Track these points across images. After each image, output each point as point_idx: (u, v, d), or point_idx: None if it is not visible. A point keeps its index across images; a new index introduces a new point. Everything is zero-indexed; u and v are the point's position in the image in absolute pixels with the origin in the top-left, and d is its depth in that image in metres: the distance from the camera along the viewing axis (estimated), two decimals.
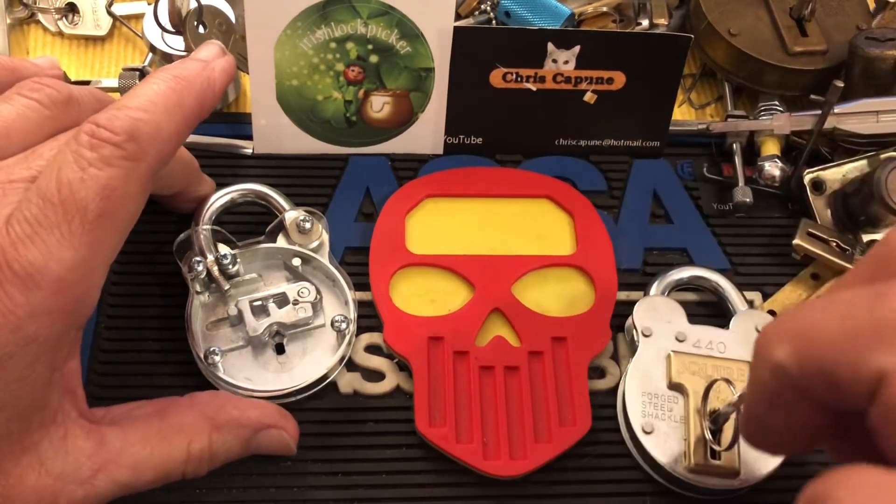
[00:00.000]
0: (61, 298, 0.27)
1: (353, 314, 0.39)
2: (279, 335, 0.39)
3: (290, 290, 0.39)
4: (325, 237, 0.41)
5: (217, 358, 0.37)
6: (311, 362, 0.39)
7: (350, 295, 0.40)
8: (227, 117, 0.47)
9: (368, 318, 0.40)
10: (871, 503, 0.18)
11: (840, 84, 0.44)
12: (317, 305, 0.39)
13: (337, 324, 0.38)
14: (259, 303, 0.38)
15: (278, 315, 0.38)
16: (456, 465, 0.37)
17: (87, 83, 0.48)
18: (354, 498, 0.37)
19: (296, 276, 0.40)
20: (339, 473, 0.37)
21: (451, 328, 0.40)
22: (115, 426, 0.31)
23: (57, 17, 0.51)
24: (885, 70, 0.46)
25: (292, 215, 0.40)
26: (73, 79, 0.49)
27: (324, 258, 0.40)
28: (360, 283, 0.41)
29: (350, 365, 0.40)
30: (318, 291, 0.39)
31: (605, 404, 0.39)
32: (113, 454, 0.30)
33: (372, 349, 0.40)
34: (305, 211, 0.41)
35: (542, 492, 0.37)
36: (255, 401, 0.36)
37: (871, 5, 0.52)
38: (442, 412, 0.38)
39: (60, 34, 0.51)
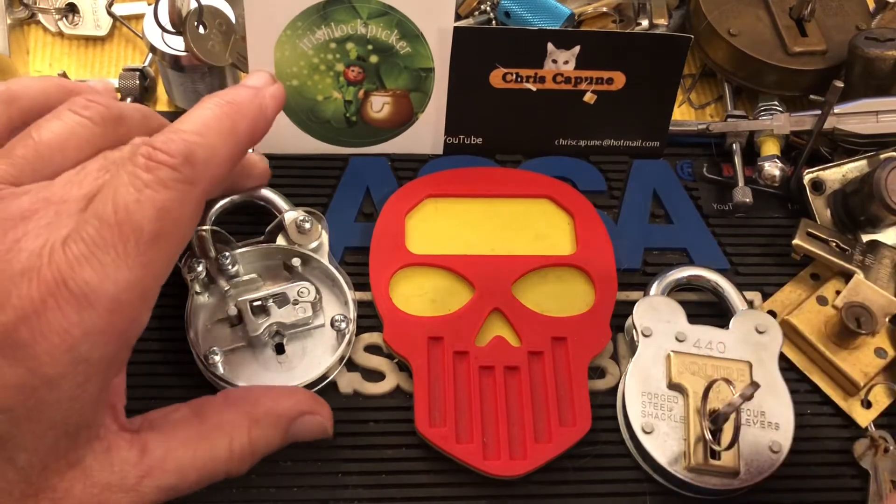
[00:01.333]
0: (115, 318, 0.27)
1: (352, 314, 0.39)
2: (279, 335, 0.39)
3: (290, 289, 0.39)
4: (325, 237, 0.41)
5: (217, 358, 0.37)
6: (310, 362, 0.39)
7: (350, 295, 0.40)
8: None
9: (368, 318, 0.40)
10: None
11: (840, 84, 0.44)
12: (316, 305, 0.39)
13: (337, 323, 0.38)
14: (259, 303, 0.38)
15: (278, 315, 0.38)
16: (456, 465, 0.37)
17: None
18: (354, 498, 0.37)
19: (295, 276, 0.40)
20: (339, 473, 0.37)
21: (451, 328, 0.40)
22: (156, 432, 0.32)
23: (57, 17, 0.51)
24: (885, 70, 0.46)
25: (292, 215, 0.40)
26: (72, 79, 0.49)
27: (323, 258, 0.40)
28: (360, 283, 0.41)
29: (350, 365, 0.40)
30: (318, 291, 0.39)
31: (605, 404, 0.39)
32: (157, 461, 0.31)
33: (372, 349, 0.40)
34: (305, 211, 0.41)
35: (542, 492, 0.37)
36: (288, 389, 0.36)
37: (871, 5, 0.52)
38: (442, 412, 0.38)
39: (60, 34, 0.51)
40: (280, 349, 0.39)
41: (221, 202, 0.41)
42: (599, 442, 0.38)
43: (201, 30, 0.43)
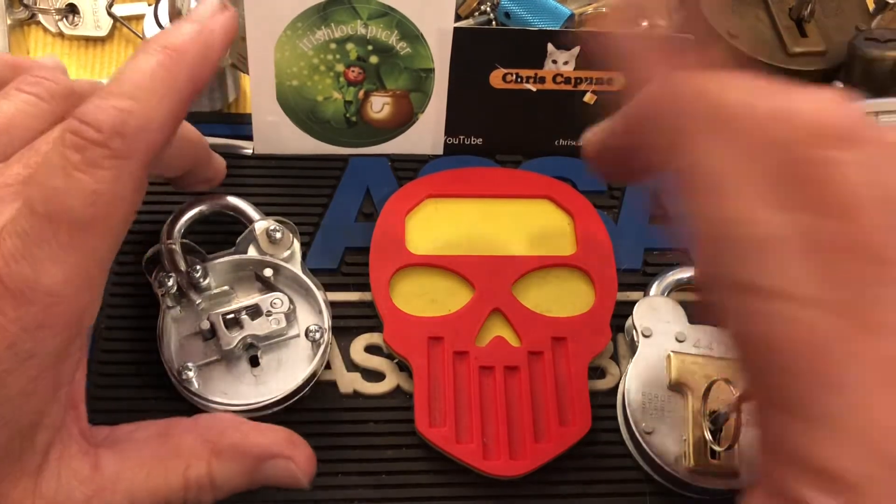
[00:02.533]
0: (56, 311, 0.26)
1: (326, 323, 0.39)
2: (253, 347, 0.38)
3: (263, 301, 0.38)
4: (297, 246, 0.40)
5: (191, 374, 0.36)
6: (286, 374, 0.38)
7: (323, 303, 0.39)
8: (227, 117, 0.47)
9: (368, 318, 0.40)
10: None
11: (840, 85, 0.44)
12: (290, 316, 0.38)
13: (311, 333, 0.38)
14: (231, 315, 0.37)
15: (251, 327, 0.37)
16: (456, 465, 0.37)
17: None
18: (354, 498, 0.37)
19: (268, 286, 0.39)
20: (339, 473, 0.37)
21: (451, 328, 0.40)
22: (113, 449, 0.30)
23: (57, 17, 0.51)
24: (885, 71, 0.46)
25: (262, 225, 0.40)
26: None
27: (295, 267, 0.39)
28: (360, 283, 0.41)
29: (350, 365, 0.40)
30: (291, 301, 0.38)
31: (605, 404, 0.39)
32: (107, 480, 0.29)
33: (372, 349, 0.40)
34: (275, 220, 0.40)
35: (542, 492, 0.37)
36: (264, 426, 0.33)
37: (871, 6, 0.52)
38: (442, 412, 0.38)
39: (61, 35, 0.51)
40: (255, 362, 0.38)
41: (191, 214, 0.40)
42: (599, 442, 0.38)
43: None
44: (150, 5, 0.49)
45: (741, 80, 0.24)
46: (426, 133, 0.46)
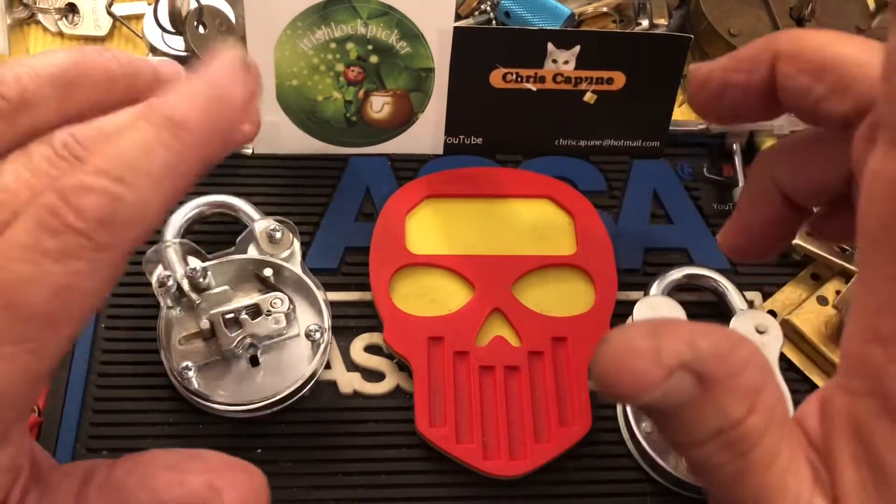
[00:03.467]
0: None
1: (326, 322, 0.39)
2: (253, 347, 0.38)
3: (263, 301, 0.38)
4: (297, 246, 0.40)
5: (190, 374, 0.36)
6: (286, 373, 0.38)
7: (323, 303, 0.39)
8: None
9: (368, 318, 0.40)
10: None
11: None
12: (290, 315, 0.38)
13: (311, 333, 0.38)
14: (231, 315, 0.37)
15: (251, 327, 0.37)
16: (456, 465, 0.37)
17: None
18: (354, 498, 0.37)
19: (268, 286, 0.39)
20: (339, 473, 0.37)
21: (451, 328, 0.40)
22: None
23: (57, 17, 0.51)
24: None
25: (262, 225, 0.40)
26: None
27: (295, 267, 0.39)
28: (360, 283, 0.41)
29: (350, 365, 0.40)
30: (291, 301, 0.38)
31: (605, 404, 0.39)
32: None
33: (372, 349, 0.40)
34: (276, 220, 0.40)
35: (542, 492, 0.37)
36: (190, 466, 0.27)
37: (871, 5, 0.52)
38: (442, 412, 0.38)
39: (60, 34, 0.51)
40: (255, 361, 0.38)
41: (191, 214, 0.40)
42: (599, 442, 0.38)
43: (201, 30, 0.43)
44: (149, 5, 0.49)
45: None
46: (426, 133, 0.46)
